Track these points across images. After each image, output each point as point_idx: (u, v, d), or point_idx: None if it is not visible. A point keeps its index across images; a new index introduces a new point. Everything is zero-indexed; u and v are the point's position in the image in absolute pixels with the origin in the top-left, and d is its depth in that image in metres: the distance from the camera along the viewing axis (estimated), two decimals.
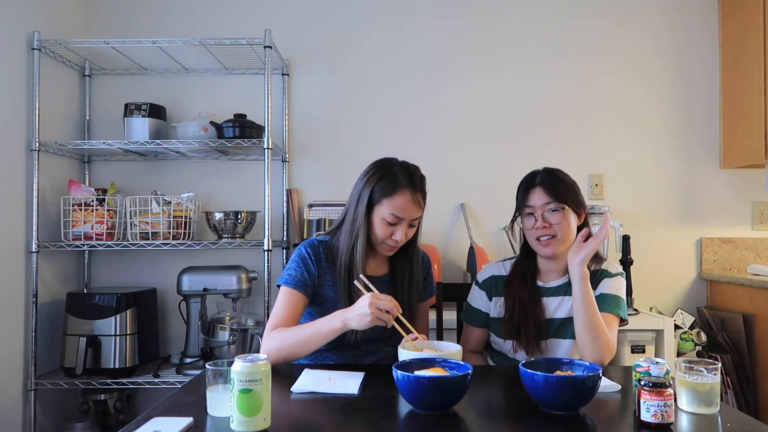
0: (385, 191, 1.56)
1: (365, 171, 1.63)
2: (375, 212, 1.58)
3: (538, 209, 1.61)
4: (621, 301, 1.63)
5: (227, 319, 2.40)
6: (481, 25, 2.77)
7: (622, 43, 2.77)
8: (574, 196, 1.64)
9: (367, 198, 1.58)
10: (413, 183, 1.59)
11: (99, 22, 2.76)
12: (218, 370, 1.13)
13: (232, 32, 2.65)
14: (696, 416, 1.15)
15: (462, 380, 1.16)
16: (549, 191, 1.61)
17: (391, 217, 1.56)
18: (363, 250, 1.59)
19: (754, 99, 2.49)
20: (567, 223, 1.60)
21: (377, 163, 1.64)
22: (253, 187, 2.70)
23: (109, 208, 2.43)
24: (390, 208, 1.56)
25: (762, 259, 2.72)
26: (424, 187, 1.63)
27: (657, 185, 2.76)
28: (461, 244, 2.69)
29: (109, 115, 2.71)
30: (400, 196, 1.56)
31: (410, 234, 1.62)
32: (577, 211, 1.63)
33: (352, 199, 1.63)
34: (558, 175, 1.66)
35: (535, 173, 1.67)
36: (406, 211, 1.57)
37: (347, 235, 1.61)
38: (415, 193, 1.58)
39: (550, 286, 1.68)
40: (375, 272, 1.68)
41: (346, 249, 1.60)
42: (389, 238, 1.58)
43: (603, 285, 1.64)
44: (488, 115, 2.75)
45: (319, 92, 2.77)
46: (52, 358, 2.42)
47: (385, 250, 1.63)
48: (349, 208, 1.64)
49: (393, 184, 1.57)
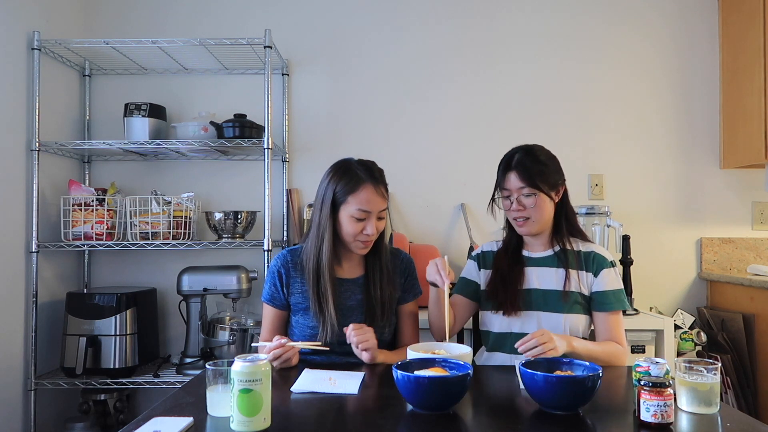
0: (348, 189, 1.60)
1: (325, 174, 1.68)
2: (342, 212, 1.61)
3: (514, 192, 1.65)
4: (622, 293, 1.66)
5: (227, 319, 2.40)
6: (481, 25, 2.77)
7: (622, 44, 2.77)
8: (551, 177, 1.66)
9: (331, 199, 1.62)
10: (374, 176, 1.63)
11: (99, 22, 2.76)
12: (218, 370, 1.13)
13: (232, 32, 2.65)
14: (696, 416, 1.15)
15: (462, 380, 1.16)
16: (523, 175, 1.63)
17: (358, 212, 1.59)
18: (329, 252, 1.62)
19: (754, 99, 2.49)
20: (540, 207, 1.64)
21: (335, 165, 1.68)
22: (253, 187, 2.70)
23: (109, 208, 2.43)
24: (356, 204, 1.59)
25: (762, 259, 2.72)
26: (384, 180, 1.67)
27: (657, 185, 2.76)
28: (461, 244, 2.69)
29: (109, 115, 2.71)
30: (363, 190, 1.60)
31: (380, 227, 1.65)
32: (552, 191, 1.66)
33: (317, 204, 1.67)
34: (535, 155, 1.67)
35: (513, 153, 1.69)
36: (372, 203, 1.60)
37: (314, 240, 1.65)
38: (377, 186, 1.62)
39: (535, 257, 1.71)
40: (350, 275, 1.71)
41: (313, 253, 1.64)
42: (361, 233, 1.61)
43: (604, 278, 1.65)
44: (488, 115, 2.75)
45: (319, 92, 2.77)
46: (52, 358, 2.42)
47: (359, 248, 1.65)
48: (314, 213, 1.68)
49: (354, 180, 1.61)
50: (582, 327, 1.65)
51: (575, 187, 2.72)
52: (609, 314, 1.64)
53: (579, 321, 1.64)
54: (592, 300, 1.66)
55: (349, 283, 1.65)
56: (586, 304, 1.66)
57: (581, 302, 1.65)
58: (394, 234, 2.55)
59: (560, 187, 1.70)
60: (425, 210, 2.73)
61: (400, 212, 2.73)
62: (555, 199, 1.68)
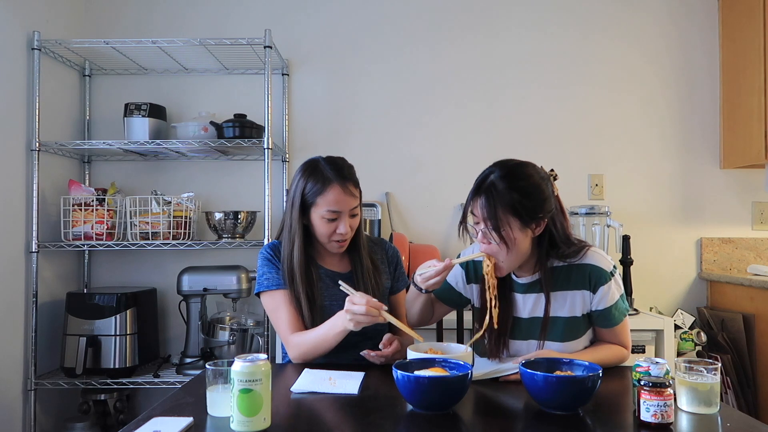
0: (315, 190, 1.58)
1: (294, 177, 1.66)
2: (313, 213, 1.60)
3: (481, 222, 1.42)
4: (623, 304, 1.51)
5: (227, 319, 2.40)
6: (482, 26, 2.77)
7: (622, 44, 2.76)
8: (528, 210, 1.39)
9: (300, 202, 1.60)
10: (342, 175, 1.60)
11: (99, 22, 2.76)
12: (218, 370, 1.13)
13: (232, 32, 2.65)
14: (696, 416, 1.15)
15: (462, 380, 1.16)
16: (490, 205, 1.38)
17: (328, 213, 1.58)
18: (300, 255, 1.60)
19: (754, 99, 2.49)
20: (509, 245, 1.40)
21: (303, 165, 1.65)
22: (253, 187, 2.70)
23: (109, 208, 2.43)
24: (325, 205, 1.58)
25: (762, 259, 2.72)
26: (354, 176, 1.64)
27: (657, 185, 2.76)
28: (461, 244, 2.68)
29: (109, 115, 2.71)
30: (331, 191, 1.57)
31: (354, 224, 1.64)
32: (530, 226, 1.42)
33: (287, 205, 1.66)
34: (515, 180, 1.40)
35: (489, 173, 1.44)
36: (341, 204, 1.58)
37: (286, 243, 1.63)
38: (345, 185, 1.59)
39: (522, 282, 1.53)
40: (339, 269, 1.70)
41: (287, 256, 1.62)
42: (334, 233, 1.60)
43: (604, 296, 1.47)
44: (488, 115, 2.75)
45: (319, 92, 2.77)
46: (52, 358, 2.42)
47: (336, 248, 1.64)
48: (285, 214, 1.66)
49: (321, 181, 1.59)
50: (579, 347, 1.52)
51: (575, 187, 2.72)
52: (614, 327, 1.51)
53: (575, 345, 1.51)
54: (593, 317, 1.51)
55: (339, 277, 1.62)
56: (585, 322, 1.52)
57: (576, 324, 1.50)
58: (394, 234, 2.55)
59: (541, 221, 1.43)
60: (425, 210, 2.73)
61: (400, 212, 2.73)
62: (534, 232, 1.44)
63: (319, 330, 1.54)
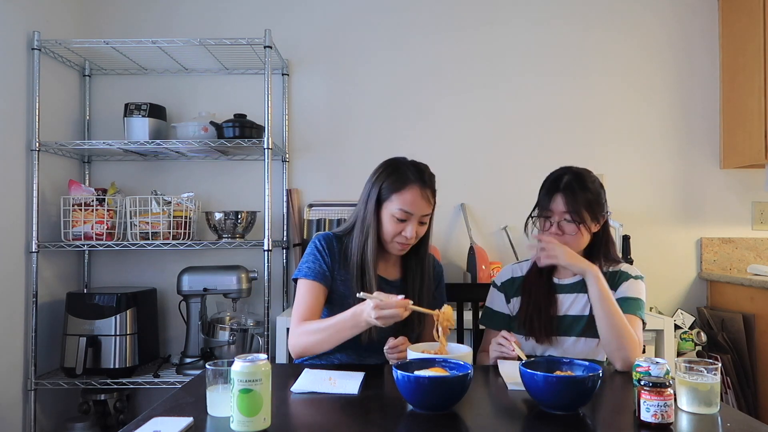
0: (393, 187, 1.57)
1: (375, 170, 1.64)
2: (384, 209, 1.59)
3: (556, 215, 1.59)
4: (641, 303, 1.60)
5: (227, 319, 2.40)
6: (482, 28, 2.77)
7: (622, 44, 2.76)
8: (596, 206, 1.61)
9: (376, 195, 1.59)
10: (422, 179, 1.59)
11: (99, 22, 2.76)
12: (218, 370, 1.13)
13: (232, 32, 2.65)
14: (696, 416, 1.15)
15: (462, 380, 1.16)
16: (570, 201, 1.57)
17: (400, 212, 1.56)
18: (374, 249, 1.59)
19: (754, 99, 2.49)
20: (579, 236, 1.59)
21: (386, 161, 1.64)
22: (253, 187, 2.70)
23: (109, 208, 2.43)
24: (399, 204, 1.56)
25: (762, 259, 2.72)
26: (433, 184, 1.63)
27: (657, 185, 2.76)
28: (461, 244, 2.69)
29: (109, 115, 2.71)
30: (409, 191, 1.56)
31: (421, 231, 1.62)
32: (593, 223, 1.61)
33: (362, 198, 1.64)
34: (585, 182, 1.61)
35: (561, 174, 1.63)
36: (415, 206, 1.57)
37: (358, 235, 1.61)
38: (424, 189, 1.58)
39: (565, 283, 1.66)
40: (387, 275, 1.68)
41: (357, 249, 1.61)
42: (399, 235, 1.58)
43: (622, 288, 1.61)
44: (488, 115, 2.75)
45: (319, 92, 2.77)
46: (52, 358, 2.42)
47: (396, 249, 1.62)
48: (359, 207, 1.64)
49: (402, 179, 1.57)
50: None
51: None
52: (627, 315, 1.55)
53: None
54: None
55: (386, 284, 1.61)
56: None
57: None
58: None
59: (602, 218, 1.64)
60: None
61: None
62: (594, 230, 1.63)
63: (332, 323, 1.48)
